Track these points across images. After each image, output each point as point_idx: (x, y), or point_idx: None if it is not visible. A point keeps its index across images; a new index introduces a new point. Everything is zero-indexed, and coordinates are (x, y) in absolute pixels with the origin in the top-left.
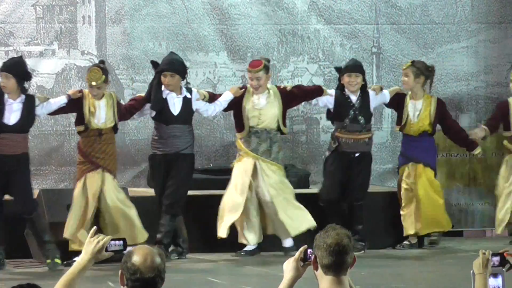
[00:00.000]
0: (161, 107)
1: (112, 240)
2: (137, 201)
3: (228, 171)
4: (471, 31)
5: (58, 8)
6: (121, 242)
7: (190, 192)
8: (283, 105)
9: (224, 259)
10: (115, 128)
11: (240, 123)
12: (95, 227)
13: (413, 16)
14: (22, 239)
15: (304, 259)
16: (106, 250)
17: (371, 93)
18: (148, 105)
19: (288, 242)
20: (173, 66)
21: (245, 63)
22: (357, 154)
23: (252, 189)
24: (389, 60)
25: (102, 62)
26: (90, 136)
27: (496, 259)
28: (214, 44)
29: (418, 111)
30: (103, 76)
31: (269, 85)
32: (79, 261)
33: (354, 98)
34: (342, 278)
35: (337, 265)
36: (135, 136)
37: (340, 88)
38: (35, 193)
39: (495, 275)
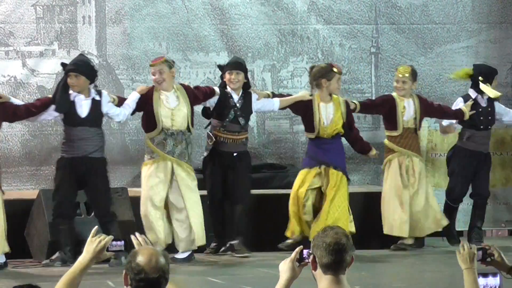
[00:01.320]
0: (66, 109)
1: (113, 240)
2: (137, 201)
3: None
4: (472, 31)
5: (58, 8)
6: (122, 242)
7: None
8: (191, 103)
9: (224, 259)
10: None
11: (151, 124)
12: (96, 226)
13: (413, 16)
14: (22, 239)
15: (300, 259)
16: (107, 250)
17: (254, 95)
18: (53, 107)
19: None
20: (78, 67)
21: (246, 63)
22: (235, 154)
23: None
24: (388, 60)
25: None
26: None
27: (479, 254)
28: (214, 44)
29: (331, 113)
30: None
31: (175, 85)
32: (80, 260)
33: (236, 97)
34: (341, 277)
35: (337, 264)
36: (135, 136)
37: (222, 86)
38: (35, 193)
39: (494, 274)
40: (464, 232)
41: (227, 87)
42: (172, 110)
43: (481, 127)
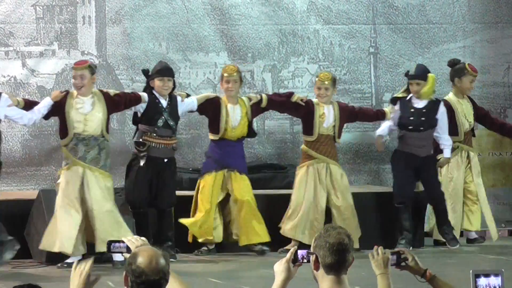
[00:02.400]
0: None
1: (116, 242)
2: None
3: None
4: (468, 31)
5: (58, 8)
6: (125, 244)
7: (189, 192)
8: (108, 110)
9: (224, 259)
10: None
11: (64, 130)
12: (77, 259)
13: (410, 16)
14: (22, 239)
15: (295, 260)
16: (110, 251)
17: (178, 98)
18: None
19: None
20: None
21: (246, 63)
22: (166, 160)
23: (80, 202)
24: (386, 60)
25: None
26: None
27: (393, 258)
28: (214, 44)
29: (238, 115)
30: None
31: (94, 89)
32: None
33: (164, 102)
34: (342, 277)
35: (339, 264)
36: None
37: (149, 91)
38: (35, 193)
39: (496, 274)
40: (463, 233)
41: (153, 92)
42: (85, 115)
43: (410, 127)
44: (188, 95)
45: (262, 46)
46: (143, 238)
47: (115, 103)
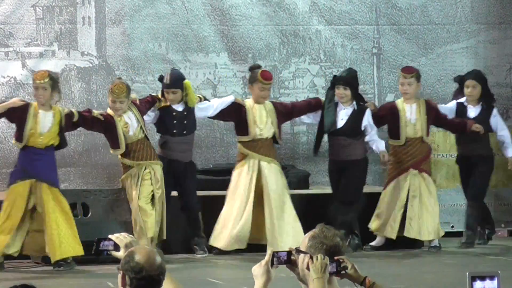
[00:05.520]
0: None
1: (104, 240)
2: None
3: (228, 172)
4: (471, 32)
5: (58, 9)
6: (112, 242)
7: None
8: None
9: (224, 259)
10: None
11: None
12: None
13: (413, 16)
14: None
15: (272, 262)
16: (98, 249)
17: None
18: None
19: None
20: None
21: (246, 64)
22: None
23: None
24: (389, 60)
25: None
26: None
27: (332, 266)
28: (214, 45)
29: (49, 122)
30: None
31: None
32: None
33: None
34: (332, 278)
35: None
36: None
37: None
38: None
39: (491, 277)
40: (463, 233)
41: None
42: None
43: (174, 131)
44: None
45: (262, 46)
46: (131, 235)
47: None
